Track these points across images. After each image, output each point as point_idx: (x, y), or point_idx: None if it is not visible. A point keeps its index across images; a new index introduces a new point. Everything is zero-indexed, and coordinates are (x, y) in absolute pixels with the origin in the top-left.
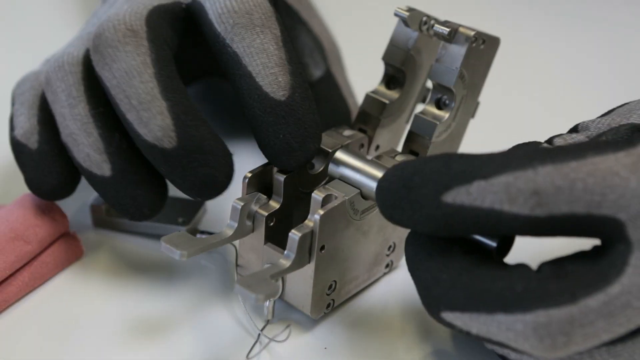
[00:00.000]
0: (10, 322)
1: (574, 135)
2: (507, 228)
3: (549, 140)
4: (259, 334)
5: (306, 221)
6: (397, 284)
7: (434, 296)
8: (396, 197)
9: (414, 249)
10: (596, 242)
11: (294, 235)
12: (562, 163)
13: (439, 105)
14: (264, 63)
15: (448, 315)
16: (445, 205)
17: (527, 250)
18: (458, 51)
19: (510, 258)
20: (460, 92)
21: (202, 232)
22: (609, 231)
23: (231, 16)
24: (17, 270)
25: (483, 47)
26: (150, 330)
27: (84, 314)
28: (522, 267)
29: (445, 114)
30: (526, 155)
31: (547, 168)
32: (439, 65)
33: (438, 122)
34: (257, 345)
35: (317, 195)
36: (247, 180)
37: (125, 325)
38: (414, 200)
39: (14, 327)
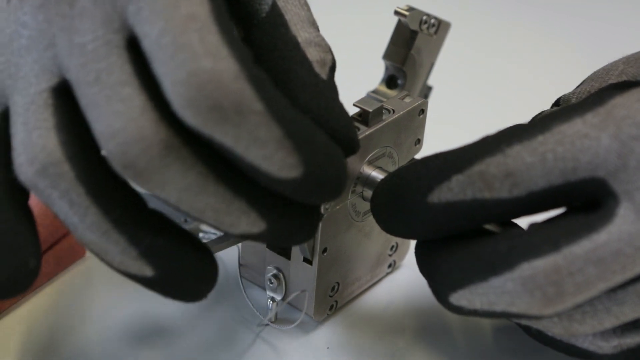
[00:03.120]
0: (11, 324)
1: (556, 110)
2: (496, 214)
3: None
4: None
5: None
6: (400, 284)
7: (438, 282)
8: (390, 211)
9: (419, 251)
10: None
11: None
12: (529, 140)
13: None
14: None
15: (454, 298)
16: (433, 206)
17: None
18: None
19: None
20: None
21: (205, 232)
22: (593, 191)
23: None
24: None
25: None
26: (152, 332)
27: (85, 315)
28: (510, 229)
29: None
30: (494, 139)
31: (515, 148)
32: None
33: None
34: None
35: None
36: None
37: (127, 325)
38: (405, 209)
39: (14, 328)
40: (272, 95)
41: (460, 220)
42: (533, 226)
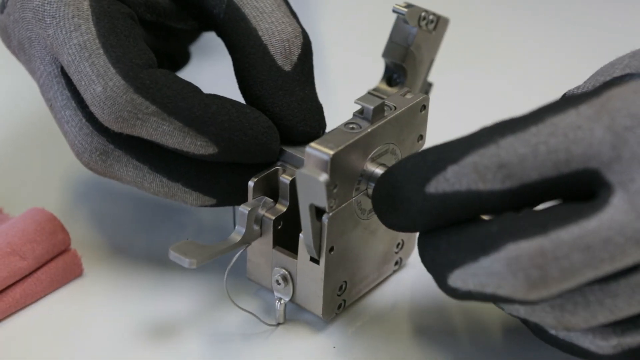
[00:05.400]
0: (3, 338)
1: (552, 101)
2: (491, 205)
3: None
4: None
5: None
6: (406, 283)
7: (436, 264)
8: (388, 201)
9: (421, 241)
10: None
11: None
12: (522, 131)
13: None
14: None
15: (451, 280)
16: (430, 196)
17: None
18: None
19: None
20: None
21: None
22: (587, 183)
23: None
24: (9, 287)
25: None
26: (157, 332)
27: (76, 335)
28: (507, 213)
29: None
30: (489, 130)
31: (508, 139)
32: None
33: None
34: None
35: None
36: (252, 185)
37: (124, 343)
38: (403, 199)
39: (3, 344)
40: (167, 93)
41: (457, 210)
42: (527, 211)
